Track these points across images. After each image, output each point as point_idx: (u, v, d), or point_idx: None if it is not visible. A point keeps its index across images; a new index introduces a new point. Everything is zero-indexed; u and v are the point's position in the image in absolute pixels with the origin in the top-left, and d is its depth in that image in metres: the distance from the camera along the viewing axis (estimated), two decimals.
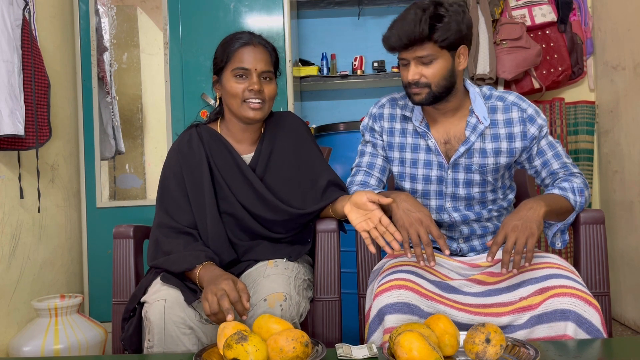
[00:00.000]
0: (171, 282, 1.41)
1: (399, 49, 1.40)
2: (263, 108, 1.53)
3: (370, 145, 1.59)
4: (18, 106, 1.97)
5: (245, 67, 1.51)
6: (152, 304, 1.36)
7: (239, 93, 1.51)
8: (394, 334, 1.03)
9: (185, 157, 1.58)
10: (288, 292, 1.40)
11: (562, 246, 1.50)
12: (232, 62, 1.52)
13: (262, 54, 1.53)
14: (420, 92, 1.40)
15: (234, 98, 1.52)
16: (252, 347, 0.99)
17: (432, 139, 1.48)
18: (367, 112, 1.61)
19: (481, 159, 1.46)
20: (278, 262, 1.52)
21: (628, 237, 2.53)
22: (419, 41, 1.35)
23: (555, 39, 2.76)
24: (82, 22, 2.65)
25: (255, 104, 1.52)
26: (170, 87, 2.64)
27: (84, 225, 2.63)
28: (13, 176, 2.15)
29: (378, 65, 3.17)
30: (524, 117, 1.47)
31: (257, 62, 1.51)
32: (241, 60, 1.51)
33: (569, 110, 2.83)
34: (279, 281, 1.42)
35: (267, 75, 1.53)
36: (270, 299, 1.37)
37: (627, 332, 2.52)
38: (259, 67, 1.51)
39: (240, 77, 1.51)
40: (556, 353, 1.06)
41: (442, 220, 1.52)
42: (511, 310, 1.26)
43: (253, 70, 1.51)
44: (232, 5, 2.65)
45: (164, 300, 1.35)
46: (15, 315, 2.15)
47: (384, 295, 1.28)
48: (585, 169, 2.80)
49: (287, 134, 1.63)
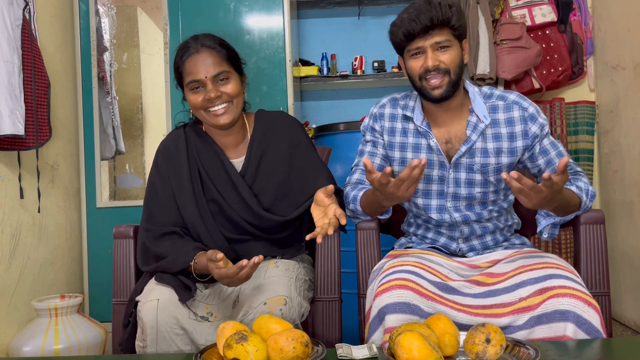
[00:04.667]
0: (165, 281, 1.41)
1: (418, 33, 1.38)
2: (229, 110, 1.50)
3: (370, 145, 1.59)
4: (18, 106, 1.97)
5: (197, 78, 1.47)
6: (144, 304, 1.36)
7: (197, 105, 1.49)
8: (394, 334, 1.03)
9: (171, 156, 1.57)
10: (289, 295, 1.39)
11: (549, 238, 1.48)
12: (185, 77, 1.49)
13: (209, 58, 1.48)
14: (441, 82, 1.40)
15: (197, 110, 1.51)
16: (252, 347, 0.99)
17: (433, 139, 1.48)
18: (368, 112, 1.61)
19: (483, 158, 1.46)
20: (279, 263, 1.52)
21: (628, 237, 2.53)
22: (438, 25, 1.37)
23: (555, 39, 2.76)
24: (82, 22, 2.65)
25: (218, 109, 1.48)
26: (170, 87, 2.64)
27: (84, 225, 2.63)
28: (13, 176, 2.15)
29: (378, 65, 3.17)
30: (525, 115, 1.47)
31: (206, 69, 1.46)
32: (190, 72, 1.48)
33: (569, 110, 2.83)
34: (280, 283, 1.42)
35: (222, 77, 1.48)
36: (271, 302, 1.36)
37: (627, 332, 2.52)
38: (209, 72, 1.46)
39: (197, 89, 1.48)
40: (556, 353, 1.06)
41: (442, 220, 1.52)
42: (511, 311, 1.26)
43: (204, 79, 1.46)
44: (232, 5, 2.64)
45: (156, 301, 1.35)
46: (15, 315, 2.15)
47: (384, 295, 1.28)
48: (585, 169, 2.80)
49: (280, 137, 1.60)
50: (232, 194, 1.54)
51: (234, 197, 1.53)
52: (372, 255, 1.56)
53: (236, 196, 1.54)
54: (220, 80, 1.48)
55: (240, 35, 2.64)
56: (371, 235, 1.57)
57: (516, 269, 1.34)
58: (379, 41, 3.34)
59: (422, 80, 1.42)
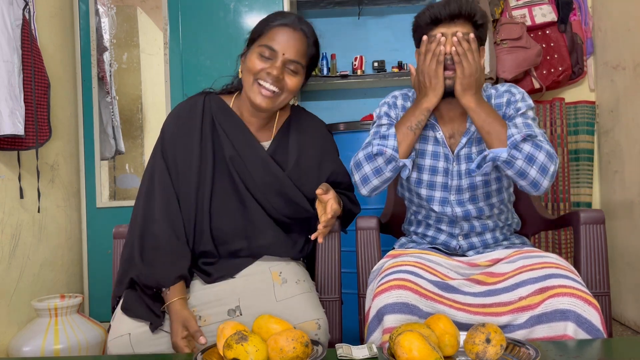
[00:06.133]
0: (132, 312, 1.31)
1: (444, 19, 1.44)
2: (275, 98, 1.39)
3: (386, 127, 1.52)
4: (18, 106, 1.97)
5: (276, 48, 1.36)
6: (114, 340, 1.29)
7: (255, 70, 1.36)
8: (394, 334, 1.03)
9: (185, 124, 1.44)
10: (320, 316, 1.31)
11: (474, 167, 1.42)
12: (263, 38, 1.38)
13: (298, 41, 1.38)
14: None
15: (249, 74, 1.38)
16: (252, 347, 0.99)
17: (440, 131, 1.52)
18: (380, 103, 1.61)
19: (478, 146, 1.50)
20: (283, 274, 1.41)
21: (628, 237, 2.53)
22: (464, 16, 1.43)
23: (555, 39, 2.76)
24: (82, 22, 2.65)
25: (267, 90, 1.37)
26: (170, 87, 2.64)
27: (84, 225, 2.63)
28: (13, 176, 2.15)
29: (378, 65, 3.17)
30: (511, 99, 1.50)
31: (289, 48, 1.36)
32: (273, 39, 1.36)
33: (569, 110, 2.83)
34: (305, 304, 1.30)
35: (294, 67, 1.38)
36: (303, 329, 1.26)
37: (627, 332, 2.52)
38: (289, 53, 1.36)
39: (265, 56, 1.36)
40: (556, 353, 1.06)
41: (443, 213, 1.53)
42: (510, 310, 1.26)
43: (280, 54, 1.36)
44: (232, 5, 2.65)
45: (128, 335, 1.29)
46: (15, 315, 2.15)
47: (383, 295, 1.28)
48: (585, 169, 2.80)
49: (314, 143, 1.52)
50: (260, 173, 1.42)
51: (261, 177, 1.42)
52: (372, 255, 1.56)
53: (265, 176, 1.42)
54: (289, 68, 1.39)
55: (240, 35, 2.64)
56: (371, 235, 1.57)
57: (516, 269, 1.34)
58: (379, 41, 3.35)
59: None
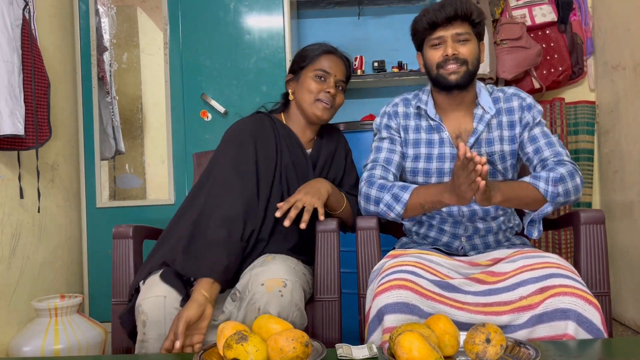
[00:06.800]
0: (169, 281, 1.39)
1: (441, 22, 1.46)
2: (330, 111, 1.69)
3: (387, 141, 1.61)
4: (18, 106, 1.97)
5: (327, 70, 1.68)
6: (147, 299, 1.34)
7: (315, 91, 1.67)
8: (394, 334, 1.03)
9: (260, 135, 1.67)
10: (288, 277, 1.38)
11: (537, 236, 1.49)
12: (315, 64, 1.69)
13: (341, 65, 1.71)
14: (458, 69, 1.46)
15: (310, 94, 1.68)
16: (252, 347, 0.99)
17: (445, 132, 1.54)
18: (380, 112, 1.66)
19: (488, 147, 1.52)
20: (276, 257, 1.51)
21: (628, 237, 2.53)
22: (461, 17, 1.45)
23: (555, 39, 2.76)
24: (82, 22, 2.65)
25: (326, 105, 1.67)
26: (170, 87, 2.64)
27: (84, 225, 2.63)
28: (13, 176, 2.15)
29: (378, 65, 3.16)
30: (523, 105, 1.53)
31: (337, 70, 1.69)
32: (323, 64, 1.69)
33: (569, 110, 2.83)
34: (278, 268, 1.41)
35: (340, 85, 1.71)
36: (268, 284, 1.34)
37: (627, 332, 2.52)
38: (338, 75, 1.69)
39: (320, 78, 1.68)
40: (556, 353, 1.06)
41: (450, 213, 1.54)
42: (511, 310, 1.26)
43: (332, 76, 1.68)
44: (232, 5, 2.64)
45: (163, 297, 1.34)
46: (15, 315, 2.15)
47: (383, 295, 1.28)
48: (585, 169, 2.80)
49: (340, 154, 1.79)
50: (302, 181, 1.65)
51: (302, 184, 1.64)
52: (372, 255, 1.56)
53: None
54: (337, 87, 1.70)
55: (240, 35, 2.64)
56: (371, 235, 1.57)
57: (517, 269, 1.34)
58: (379, 41, 3.35)
59: (440, 68, 1.49)
